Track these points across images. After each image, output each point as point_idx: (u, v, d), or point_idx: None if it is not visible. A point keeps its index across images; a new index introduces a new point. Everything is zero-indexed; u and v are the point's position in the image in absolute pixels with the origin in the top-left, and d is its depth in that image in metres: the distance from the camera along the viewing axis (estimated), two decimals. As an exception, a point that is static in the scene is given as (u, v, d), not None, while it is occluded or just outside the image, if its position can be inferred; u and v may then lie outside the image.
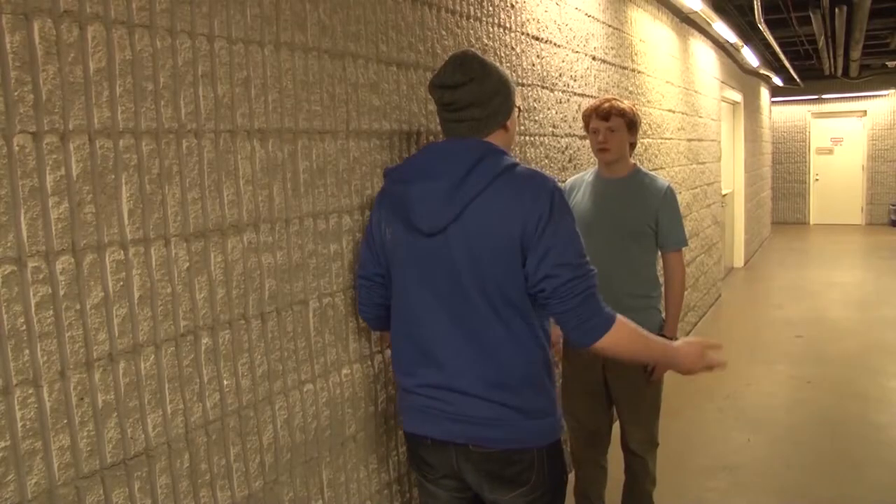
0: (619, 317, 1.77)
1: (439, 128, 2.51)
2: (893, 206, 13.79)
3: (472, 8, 2.67)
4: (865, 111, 14.09)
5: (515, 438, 1.80)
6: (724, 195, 8.69)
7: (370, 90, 2.11)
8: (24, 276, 1.27)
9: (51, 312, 1.31)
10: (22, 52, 1.25)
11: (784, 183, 14.75)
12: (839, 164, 14.52)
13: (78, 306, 1.35)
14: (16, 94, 1.25)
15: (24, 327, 1.27)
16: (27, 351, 1.28)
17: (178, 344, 1.55)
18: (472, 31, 2.68)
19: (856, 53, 9.00)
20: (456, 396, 1.79)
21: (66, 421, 1.34)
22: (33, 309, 1.28)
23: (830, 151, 14.63)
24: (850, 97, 13.93)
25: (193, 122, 1.56)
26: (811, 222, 14.72)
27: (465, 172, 1.72)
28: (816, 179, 14.72)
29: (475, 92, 1.78)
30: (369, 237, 1.93)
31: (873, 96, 13.79)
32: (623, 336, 1.76)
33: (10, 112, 1.24)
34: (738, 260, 9.98)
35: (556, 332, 2.97)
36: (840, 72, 11.46)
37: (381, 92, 2.16)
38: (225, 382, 1.66)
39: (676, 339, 2.83)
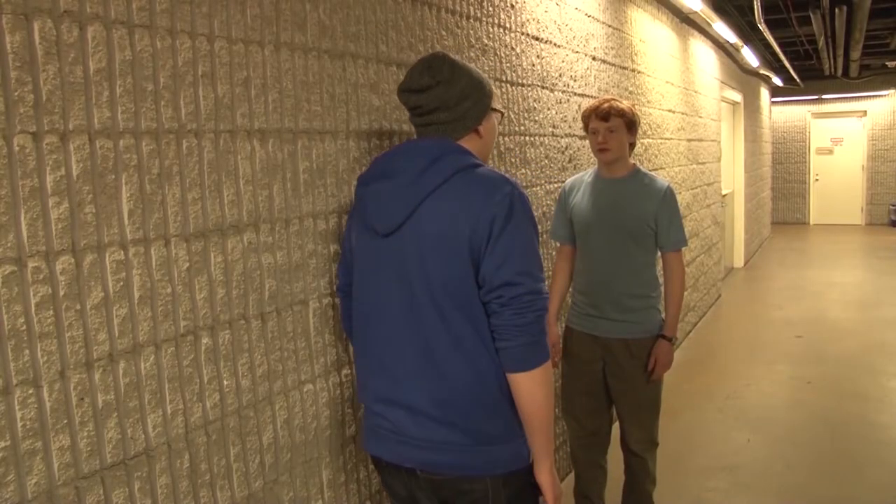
0: None
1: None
2: (893, 206, 13.79)
3: (471, 8, 2.67)
4: (865, 111, 14.08)
5: (464, 465, 1.65)
6: (724, 195, 8.68)
7: (370, 90, 2.10)
8: (24, 277, 1.27)
9: (51, 312, 1.31)
10: (22, 53, 1.25)
11: (784, 183, 14.74)
12: (839, 164, 14.52)
13: (78, 306, 1.35)
14: (16, 94, 1.25)
15: (24, 327, 1.27)
16: (27, 351, 1.28)
17: (178, 344, 1.55)
18: (471, 31, 2.68)
19: (856, 53, 9.00)
20: (402, 414, 1.68)
21: (66, 421, 1.34)
22: (33, 309, 1.28)
23: (830, 151, 14.62)
24: (850, 97, 13.93)
25: (193, 123, 1.56)
26: (811, 222, 14.71)
27: (421, 170, 1.64)
28: (816, 179, 14.71)
29: (442, 96, 1.71)
30: (344, 247, 1.89)
31: (873, 96, 13.79)
32: (548, 380, 1.62)
33: (10, 112, 1.24)
34: (738, 260, 9.98)
35: (554, 333, 2.99)
36: (840, 72, 11.46)
37: (382, 92, 2.16)
38: (225, 382, 1.66)
39: (676, 338, 2.84)
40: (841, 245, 11.82)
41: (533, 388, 1.60)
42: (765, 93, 12.50)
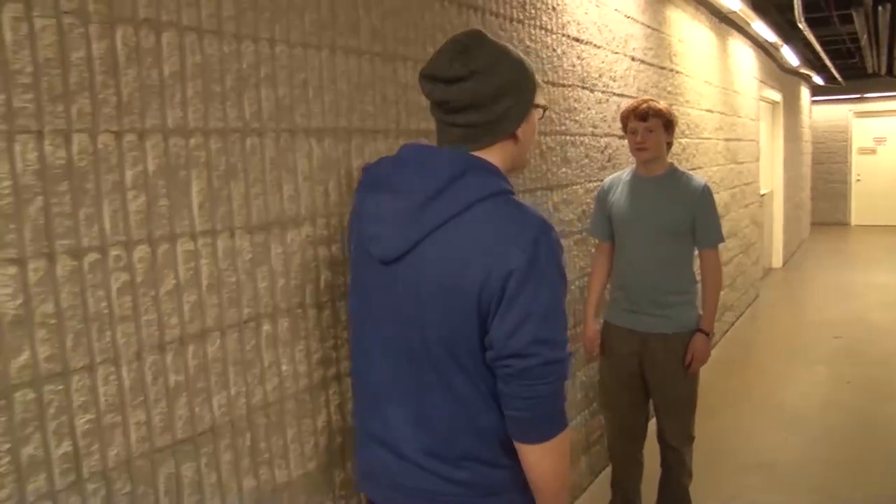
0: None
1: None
2: (937, 207, 13.56)
3: (514, 11, 2.75)
4: (909, 110, 13.88)
5: None
6: (763, 195, 8.64)
7: (419, 91, 2.19)
8: (106, 264, 1.38)
9: (129, 298, 1.42)
10: (107, 58, 1.36)
11: (825, 183, 14.57)
12: (882, 164, 14.32)
13: (153, 292, 1.46)
14: (101, 96, 1.35)
15: (107, 311, 1.38)
16: (108, 333, 1.38)
17: (242, 330, 1.65)
18: (514, 34, 2.76)
19: (900, 52, 8.91)
20: (394, 459, 1.50)
21: (141, 398, 1.44)
22: (114, 294, 1.39)
23: (873, 151, 14.42)
24: (893, 96, 13.72)
25: (257, 122, 1.67)
26: (852, 223, 14.53)
27: (436, 192, 1.37)
28: (858, 180, 14.52)
29: (477, 91, 1.39)
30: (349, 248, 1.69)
31: (918, 95, 13.58)
32: (561, 451, 1.41)
33: (95, 113, 1.35)
34: (777, 261, 9.92)
35: (592, 328, 3.05)
36: (884, 70, 11.30)
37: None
38: (283, 367, 1.77)
39: (713, 334, 2.90)
40: (883, 246, 11.67)
41: (541, 461, 1.40)
42: (805, 92, 12.38)
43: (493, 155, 1.45)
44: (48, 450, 1.30)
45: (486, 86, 1.39)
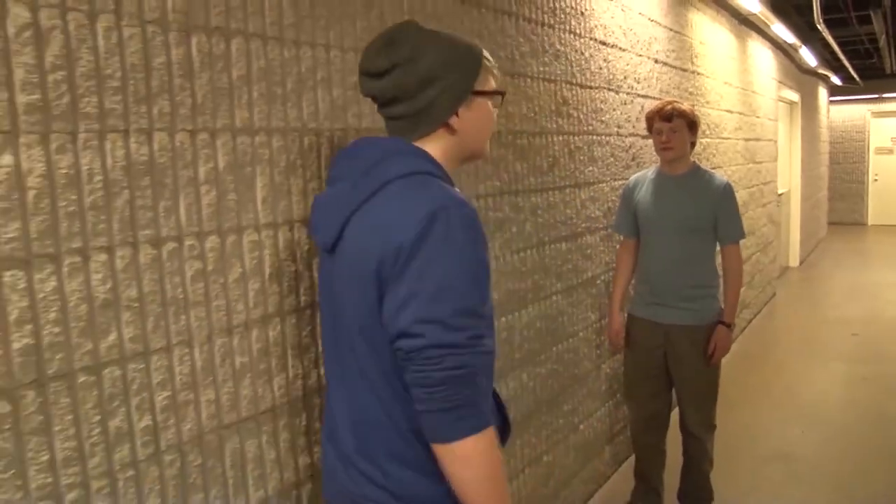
0: (492, 427, 1.29)
1: (521, 127, 2.71)
2: (955, 207, 13.55)
3: (545, 16, 2.86)
4: (928, 111, 13.88)
5: None
6: (780, 195, 8.70)
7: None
8: (182, 253, 1.49)
9: (202, 284, 1.53)
10: (183, 63, 1.48)
11: (842, 183, 14.58)
12: (899, 164, 14.33)
13: (222, 280, 1.58)
14: (178, 98, 1.47)
15: (182, 296, 1.50)
16: (183, 316, 1.50)
17: (299, 317, 1.77)
18: (545, 38, 2.86)
19: (918, 52, 8.95)
20: (338, 460, 1.46)
21: (211, 378, 1.56)
22: (188, 281, 1.51)
23: (890, 151, 14.42)
24: (911, 96, 13.74)
25: (314, 122, 1.78)
26: (869, 223, 14.53)
27: (360, 176, 1.36)
28: (875, 180, 14.52)
29: (399, 83, 1.36)
30: None
31: (936, 95, 13.58)
32: (478, 459, 1.25)
33: (173, 113, 1.47)
34: (794, 259, 9.97)
35: (618, 321, 3.15)
36: (902, 70, 11.35)
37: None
38: (334, 352, 1.88)
39: (734, 325, 2.99)
40: (900, 246, 11.69)
41: (455, 467, 1.26)
42: (823, 92, 12.41)
43: (431, 145, 1.41)
44: (131, 423, 1.42)
45: (409, 76, 1.35)
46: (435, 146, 1.41)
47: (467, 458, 1.25)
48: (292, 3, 1.72)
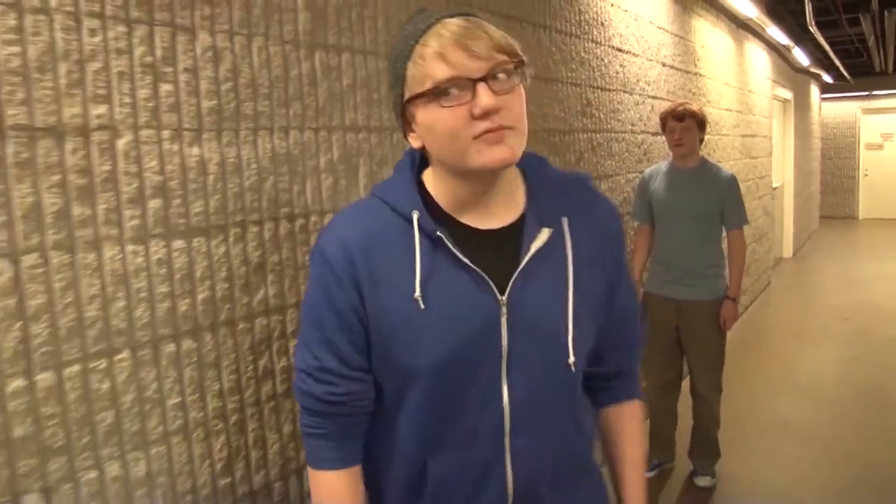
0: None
1: (553, 126, 3.09)
2: (942, 201, 14.01)
3: (572, 27, 3.24)
4: (916, 107, 14.33)
5: None
6: (775, 188, 9.11)
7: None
8: (308, 227, 1.87)
9: (321, 253, 1.91)
10: (310, 74, 1.85)
11: (833, 178, 15.01)
12: (889, 159, 14.76)
13: (335, 250, 1.95)
14: (306, 102, 1.85)
15: (308, 264, 1.87)
16: (303, 288, 1.87)
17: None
18: (573, 47, 3.24)
19: (905, 52, 9.36)
20: None
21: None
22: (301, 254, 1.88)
23: (880, 147, 14.86)
24: (900, 93, 14.19)
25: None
26: (860, 216, 14.97)
27: None
28: (866, 174, 14.96)
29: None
30: None
31: (924, 93, 14.03)
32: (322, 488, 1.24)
33: (303, 115, 1.84)
34: (787, 251, 10.38)
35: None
36: (891, 68, 11.74)
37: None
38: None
39: (739, 299, 3.38)
40: (889, 238, 12.12)
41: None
42: (815, 90, 12.83)
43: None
44: (273, 364, 1.79)
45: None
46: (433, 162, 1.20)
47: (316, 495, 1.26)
48: (385, 25, 2.10)
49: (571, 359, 1.17)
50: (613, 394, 1.39)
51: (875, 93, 14.40)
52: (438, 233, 1.12)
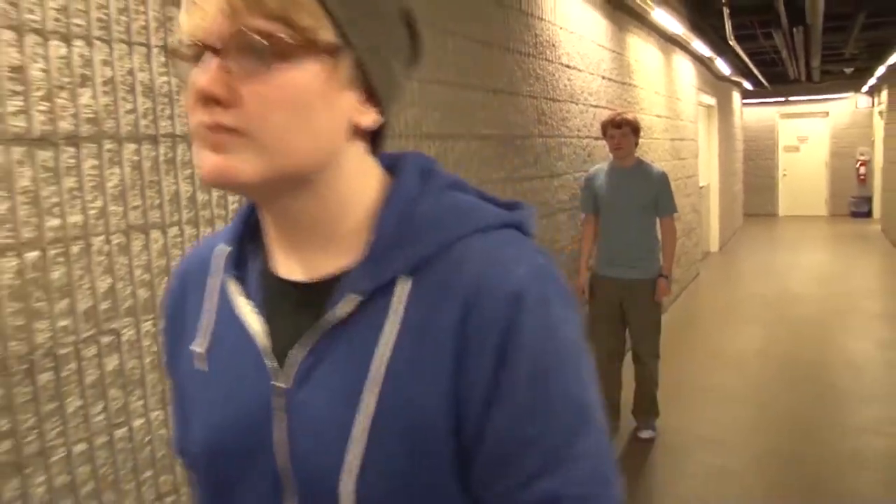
0: None
1: (516, 132, 3.69)
2: (853, 198, 15.16)
3: (530, 48, 3.84)
4: (828, 112, 15.47)
5: None
6: (702, 187, 9.92)
7: (482, 108, 3.27)
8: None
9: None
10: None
11: (755, 178, 16.04)
12: (805, 160, 15.90)
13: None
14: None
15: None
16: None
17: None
18: (529, 66, 3.85)
19: (816, 62, 10.25)
20: None
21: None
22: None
23: (797, 149, 15.98)
24: (814, 99, 15.29)
25: (509, 130, 2.72)
26: (780, 214, 16.05)
27: None
28: (784, 174, 16.06)
29: None
30: None
31: (835, 98, 15.17)
32: None
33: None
34: (714, 245, 11.23)
35: (584, 278, 4.17)
36: (804, 77, 12.73)
37: (491, 109, 3.32)
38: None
39: (672, 277, 4.03)
40: (806, 233, 13.16)
41: None
42: (736, 96, 13.79)
43: None
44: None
45: None
46: None
47: None
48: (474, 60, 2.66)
49: None
50: None
51: (791, 98, 15.49)
52: (226, 276, 0.80)
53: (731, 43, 8.02)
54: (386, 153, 0.80)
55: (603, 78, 5.14)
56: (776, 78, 13.22)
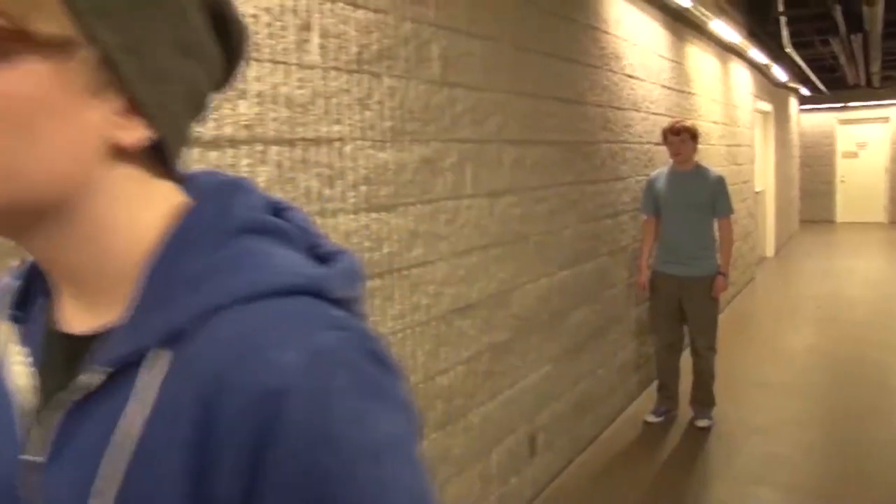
0: None
1: (585, 138, 4.01)
2: (913, 205, 15.04)
3: (595, 60, 4.15)
4: (888, 117, 15.32)
5: None
6: (757, 192, 10.05)
7: (553, 117, 3.59)
8: (438, 210, 2.75)
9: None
10: (439, 104, 2.75)
11: (812, 184, 15.95)
12: (864, 166, 15.77)
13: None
14: (438, 123, 2.73)
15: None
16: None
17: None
18: (596, 77, 4.16)
19: (875, 67, 10.32)
20: None
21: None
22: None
23: (856, 155, 15.86)
24: (873, 105, 15.15)
25: (576, 137, 3.06)
26: (838, 220, 15.96)
27: None
28: (842, 181, 15.96)
29: None
30: None
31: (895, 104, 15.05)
32: None
33: (436, 131, 2.73)
34: (770, 250, 11.33)
35: (645, 275, 4.46)
36: (863, 82, 12.71)
37: (561, 118, 3.64)
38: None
39: (728, 275, 4.30)
40: (863, 239, 13.16)
41: None
42: (793, 102, 13.82)
43: None
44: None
45: None
46: None
47: None
48: (547, 73, 3.00)
49: None
50: None
51: (850, 104, 15.40)
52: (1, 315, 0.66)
53: (787, 50, 8.19)
54: (206, 174, 0.63)
55: (663, 87, 5.42)
56: (834, 83, 13.21)
